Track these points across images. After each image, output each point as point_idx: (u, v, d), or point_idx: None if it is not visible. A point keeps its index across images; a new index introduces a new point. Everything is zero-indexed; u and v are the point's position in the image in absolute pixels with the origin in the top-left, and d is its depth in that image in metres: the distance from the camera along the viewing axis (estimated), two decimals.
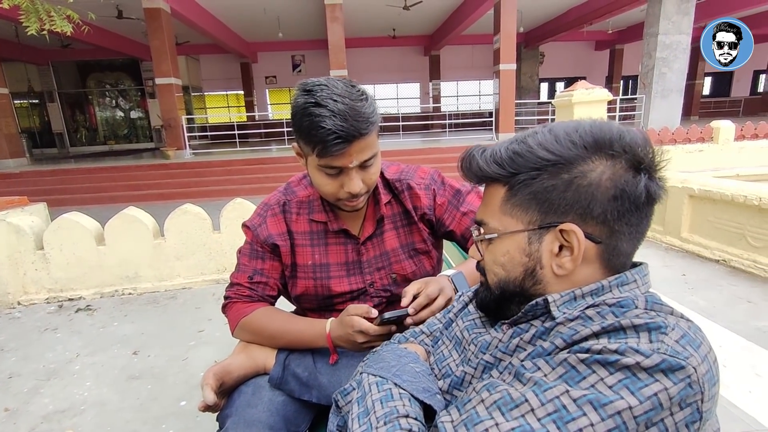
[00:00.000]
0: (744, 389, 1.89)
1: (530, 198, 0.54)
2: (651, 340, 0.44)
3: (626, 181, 0.51)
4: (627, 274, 0.54)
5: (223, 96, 18.11)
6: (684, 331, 0.45)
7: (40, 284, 3.26)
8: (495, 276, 0.59)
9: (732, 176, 4.80)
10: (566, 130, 0.53)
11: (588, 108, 5.06)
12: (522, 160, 0.54)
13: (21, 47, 11.93)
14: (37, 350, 2.56)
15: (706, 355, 0.44)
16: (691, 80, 14.10)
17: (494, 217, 0.58)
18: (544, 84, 18.85)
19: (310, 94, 0.80)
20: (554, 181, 0.52)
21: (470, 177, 0.59)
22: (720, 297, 2.86)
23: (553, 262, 0.54)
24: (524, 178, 0.54)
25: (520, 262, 0.56)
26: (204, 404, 0.88)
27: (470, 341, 0.64)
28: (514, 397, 0.46)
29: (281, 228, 0.99)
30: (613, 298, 0.52)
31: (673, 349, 0.43)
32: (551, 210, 0.53)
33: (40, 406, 2.02)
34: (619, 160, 0.51)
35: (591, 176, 0.51)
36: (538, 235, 0.54)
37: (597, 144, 0.52)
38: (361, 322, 0.83)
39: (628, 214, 0.52)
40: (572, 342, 0.48)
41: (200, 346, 2.52)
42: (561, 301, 0.54)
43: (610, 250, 0.53)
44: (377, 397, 0.58)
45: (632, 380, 0.42)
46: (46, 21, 4.22)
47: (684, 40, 9.21)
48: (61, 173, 8.82)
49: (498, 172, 0.55)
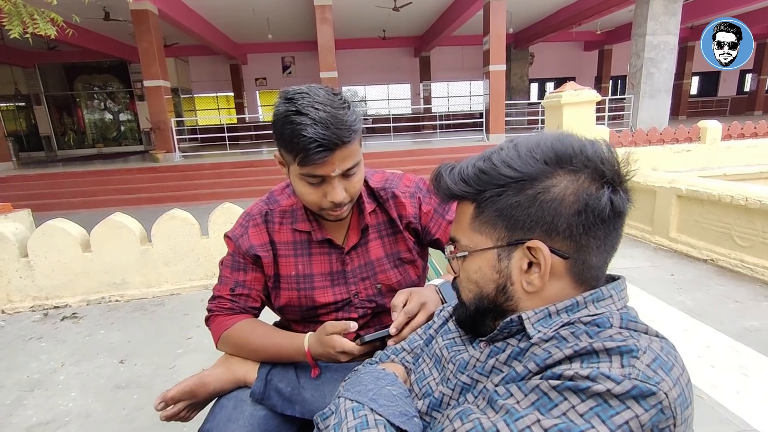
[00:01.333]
0: (732, 390, 1.91)
1: (497, 215, 0.54)
2: (623, 365, 0.43)
3: (589, 195, 0.50)
4: (603, 289, 0.54)
5: (212, 98, 17.98)
6: (656, 353, 0.45)
7: (24, 292, 3.21)
8: (469, 292, 0.60)
9: (719, 176, 4.86)
10: (528, 146, 0.53)
11: (577, 109, 5.09)
12: (487, 177, 0.54)
13: (6, 50, 11.76)
14: (21, 360, 2.51)
15: (678, 378, 0.44)
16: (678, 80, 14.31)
17: (465, 234, 0.58)
18: (534, 84, 18.95)
19: (292, 102, 0.79)
20: (518, 197, 0.52)
21: (440, 195, 0.59)
22: (708, 297, 2.88)
23: (523, 279, 0.54)
24: (490, 195, 0.54)
25: (491, 278, 0.56)
26: (164, 415, 0.89)
27: (449, 359, 0.63)
28: (486, 427, 0.46)
29: (263, 239, 0.98)
30: (588, 316, 0.51)
31: (645, 374, 0.42)
32: (517, 226, 0.53)
33: (23, 418, 1.98)
34: (580, 174, 0.51)
35: (554, 191, 0.51)
36: (507, 252, 0.54)
37: (558, 159, 0.52)
38: (344, 344, 0.82)
39: (594, 228, 0.51)
40: (545, 366, 0.48)
41: (188, 353, 2.49)
42: (535, 318, 0.53)
43: (579, 265, 0.53)
44: (353, 425, 0.57)
45: (603, 407, 0.41)
46: (29, 24, 4.16)
47: (671, 40, 9.31)
48: (49, 177, 8.70)
49: (465, 190, 0.55)
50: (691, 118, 16.23)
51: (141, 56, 9.38)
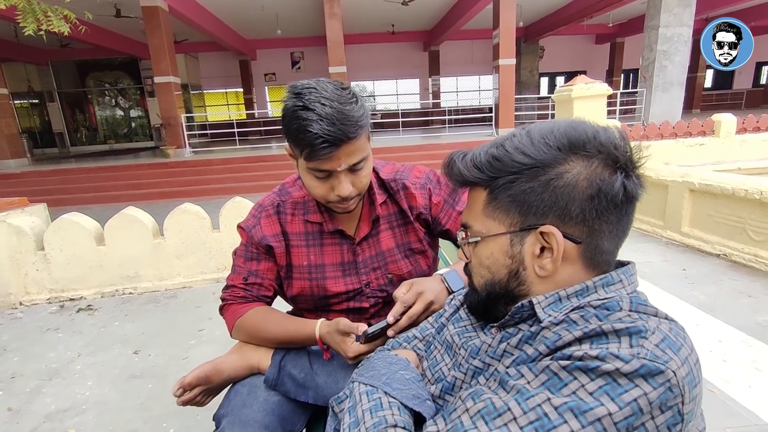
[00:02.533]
0: (744, 384, 1.89)
1: (510, 201, 0.54)
2: (631, 345, 0.44)
3: (602, 180, 0.51)
4: (612, 274, 0.54)
5: (222, 94, 18.09)
6: (664, 334, 0.46)
7: (41, 284, 3.27)
8: (481, 278, 0.60)
9: (733, 170, 4.78)
10: (541, 133, 0.54)
11: (588, 103, 5.04)
12: (500, 164, 0.54)
13: (20, 47, 11.92)
14: (39, 350, 2.57)
15: (686, 358, 0.45)
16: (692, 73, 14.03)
17: (477, 220, 0.59)
18: (544, 78, 18.75)
19: (299, 97, 0.80)
20: (532, 183, 0.53)
21: (453, 181, 0.60)
22: (720, 291, 2.85)
23: (535, 264, 0.55)
24: (503, 182, 0.54)
25: (503, 264, 0.57)
26: (181, 400, 0.91)
27: (460, 345, 0.64)
28: (497, 406, 0.47)
29: (275, 229, 0.99)
30: (598, 300, 0.52)
31: (653, 353, 0.43)
32: (530, 212, 0.53)
33: (42, 405, 2.04)
34: (594, 159, 0.52)
35: (567, 177, 0.52)
36: (520, 237, 0.55)
37: (571, 145, 0.52)
38: (357, 348, 0.83)
39: (607, 213, 0.52)
40: (555, 348, 0.49)
41: (200, 345, 2.53)
42: (546, 303, 0.54)
43: (592, 249, 0.54)
44: (367, 407, 0.58)
45: (612, 386, 0.42)
46: (43, 21, 4.22)
47: (685, 32, 9.15)
48: (62, 173, 8.83)
49: (478, 177, 0.56)
50: (705, 111, 15.93)
51: (151, 53, 9.46)
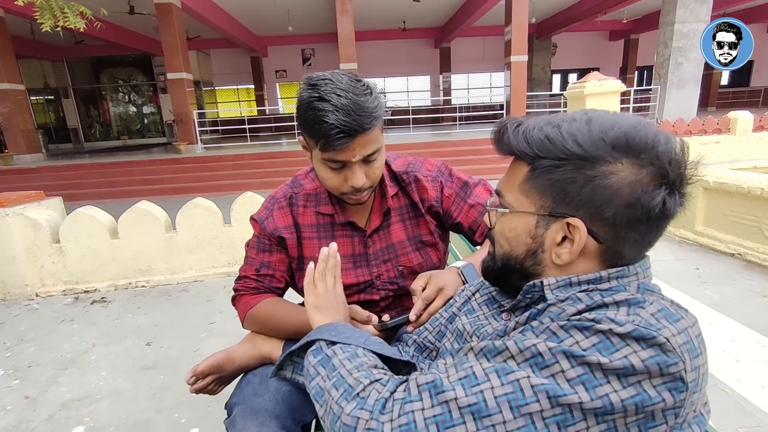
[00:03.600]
0: (757, 384, 1.87)
1: (549, 184, 0.54)
2: (628, 313, 0.46)
3: (644, 192, 0.50)
4: (630, 267, 0.54)
5: (233, 90, 18.20)
6: (663, 305, 0.47)
7: (56, 277, 3.34)
8: (500, 248, 0.61)
9: (749, 168, 4.69)
10: (602, 126, 0.52)
11: (601, 100, 4.99)
12: (550, 145, 0.53)
13: (36, 44, 12.11)
14: (55, 341, 2.62)
15: (685, 329, 0.46)
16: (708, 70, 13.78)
17: (512, 192, 0.58)
18: (557, 76, 18.54)
19: (315, 88, 0.81)
20: (575, 174, 0.52)
21: (499, 148, 0.59)
22: (734, 291, 2.81)
23: (554, 251, 0.55)
24: (547, 164, 0.53)
25: (524, 241, 0.57)
26: (194, 388, 0.92)
27: (472, 333, 0.65)
28: (497, 345, 0.50)
29: (288, 221, 1.00)
30: (608, 286, 0.53)
31: (647, 321, 0.45)
32: (565, 201, 0.53)
33: (58, 394, 2.08)
34: (644, 169, 0.50)
35: (612, 179, 0.50)
36: (546, 221, 0.55)
37: (628, 147, 0.51)
38: (368, 329, 0.84)
39: (638, 224, 0.51)
40: (558, 319, 0.50)
41: (211, 337, 2.56)
42: (556, 285, 0.55)
43: (612, 252, 0.54)
44: (343, 357, 0.59)
45: (605, 344, 0.44)
46: (60, 18, 4.28)
47: (702, 28, 8.96)
48: (77, 168, 8.98)
49: (524, 151, 0.55)
50: (720, 109, 15.65)
51: (164, 49, 9.55)
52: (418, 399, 0.48)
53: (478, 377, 0.47)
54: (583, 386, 0.43)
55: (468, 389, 0.47)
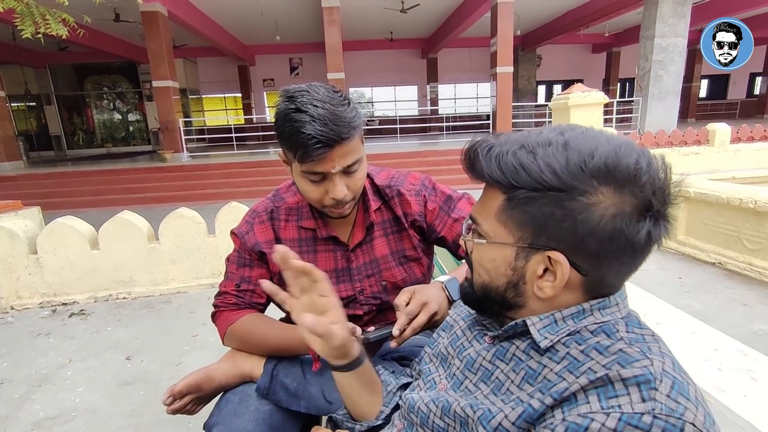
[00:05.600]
0: (740, 393, 1.88)
1: (527, 217, 0.50)
2: (643, 399, 0.42)
3: (627, 224, 0.47)
4: (610, 298, 0.53)
5: (220, 99, 18.11)
6: (672, 378, 0.43)
7: (33, 289, 3.24)
8: (479, 277, 0.58)
9: (728, 179, 4.80)
10: (581, 154, 0.48)
11: (585, 111, 5.07)
12: (526, 175, 0.49)
13: (18, 50, 11.91)
14: (29, 356, 2.54)
15: (696, 398, 0.43)
16: (687, 83, 14.17)
17: (488, 220, 0.54)
18: (542, 87, 18.89)
19: (292, 100, 0.80)
20: (553, 207, 0.48)
21: (472, 174, 0.55)
22: (716, 300, 2.86)
23: (535, 284, 0.52)
24: (523, 195, 0.49)
25: (504, 273, 0.54)
26: (171, 408, 0.89)
27: (455, 356, 0.63)
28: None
29: (269, 235, 0.98)
30: (594, 323, 0.51)
31: (667, 407, 0.41)
32: (544, 234, 0.50)
33: (30, 412, 2.00)
34: (627, 199, 0.47)
35: (593, 211, 0.47)
36: (527, 253, 0.52)
37: (608, 177, 0.47)
38: None
39: (621, 255, 0.49)
40: (561, 399, 0.46)
41: (194, 351, 2.50)
42: (541, 325, 0.52)
43: (595, 282, 0.51)
44: None
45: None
46: (41, 24, 4.21)
47: (680, 42, 9.25)
48: (58, 176, 8.80)
49: (498, 180, 0.51)
50: (699, 121, 16.07)
51: (150, 57, 9.47)
52: None
53: None
54: None
55: None
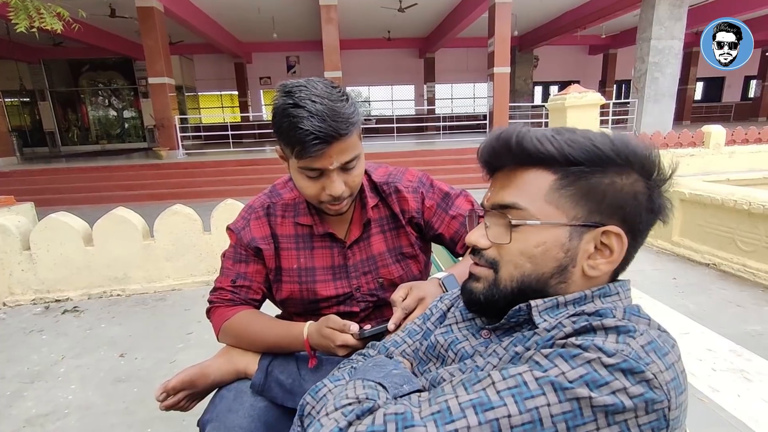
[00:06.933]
0: (733, 393, 1.90)
1: (584, 193, 0.51)
2: (617, 341, 0.43)
3: (657, 196, 0.53)
4: (610, 285, 0.54)
5: (217, 96, 18.02)
6: (652, 337, 0.45)
7: (26, 285, 3.21)
8: (517, 269, 0.54)
9: (722, 181, 4.84)
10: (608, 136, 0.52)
11: (581, 112, 5.08)
12: (580, 150, 0.51)
13: (12, 45, 11.79)
14: (22, 352, 2.51)
15: (672, 364, 0.44)
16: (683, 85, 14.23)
17: (534, 203, 0.53)
18: (538, 87, 18.93)
19: (289, 95, 0.79)
20: (614, 179, 0.51)
21: (508, 156, 0.54)
22: (710, 301, 2.87)
23: (586, 263, 0.53)
24: (579, 171, 0.51)
25: (554, 257, 0.52)
26: (164, 404, 0.89)
27: (447, 347, 0.62)
28: (479, 375, 0.46)
29: (265, 231, 0.98)
30: (593, 308, 0.51)
31: (636, 353, 0.42)
32: (599, 209, 0.51)
33: (22, 409, 1.99)
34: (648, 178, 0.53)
35: (636, 186, 0.52)
36: (580, 233, 0.52)
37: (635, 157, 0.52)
38: (345, 338, 0.81)
39: (648, 228, 0.53)
40: (543, 346, 0.48)
41: (189, 348, 2.49)
42: (543, 307, 0.53)
43: (625, 260, 0.54)
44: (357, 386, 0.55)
45: (593, 376, 0.41)
46: (36, 18, 4.17)
47: (676, 45, 9.30)
48: (52, 172, 8.73)
49: (552, 157, 0.51)
50: (695, 123, 16.16)
51: (146, 53, 9.40)
52: (382, 430, 0.44)
53: (453, 413, 0.43)
54: (565, 425, 0.41)
55: (441, 426, 0.43)
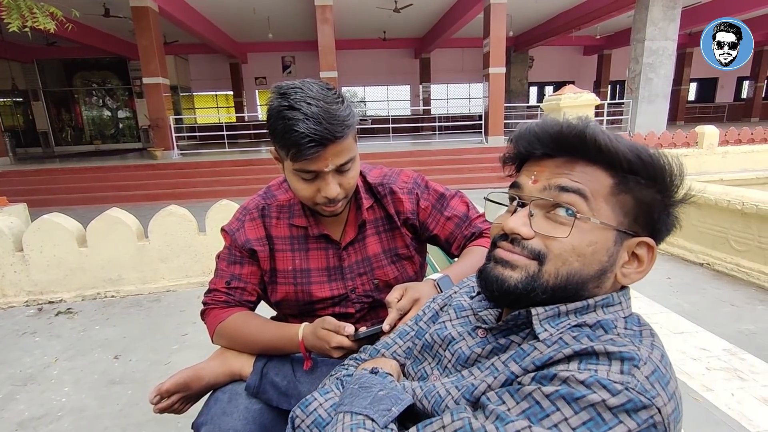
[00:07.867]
0: (727, 392, 1.91)
1: (635, 202, 0.52)
2: (622, 371, 0.42)
3: (673, 213, 0.55)
4: (614, 295, 0.53)
5: (212, 96, 17.95)
6: (655, 365, 0.44)
7: (19, 287, 3.19)
8: (565, 266, 0.51)
9: (716, 181, 4.87)
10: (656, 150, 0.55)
11: (576, 112, 5.10)
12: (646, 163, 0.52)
13: (5, 44, 11.68)
14: (14, 355, 2.49)
15: (673, 392, 0.44)
16: (676, 86, 14.34)
17: (595, 200, 0.52)
18: (534, 88, 18.99)
19: (285, 97, 0.79)
20: (654, 196, 0.53)
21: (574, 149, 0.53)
22: (704, 300, 2.89)
23: (620, 270, 0.53)
24: (641, 181, 0.52)
25: (600, 259, 0.51)
26: (158, 407, 0.88)
27: (444, 346, 0.62)
28: (474, 428, 0.45)
29: (259, 233, 0.97)
30: (595, 318, 0.51)
31: (642, 386, 0.42)
32: (641, 221, 0.53)
33: (15, 412, 1.97)
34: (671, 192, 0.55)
35: (668, 202, 0.54)
36: (622, 239, 0.52)
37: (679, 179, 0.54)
38: (340, 339, 0.81)
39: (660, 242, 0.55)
40: (542, 365, 0.47)
41: (183, 350, 2.48)
42: (545, 315, 0.52)
43: None
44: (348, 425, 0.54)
45: (596, 422, 0.41)
46: (29, 18, 4.14)
47: (670, 46, 9.36)
48: (46, 173, 8.65)
49: (621, 162, 0.51)
50: (688, 123, 16.27)
51: (140, 53, 9.34)
52: None
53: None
54: None
55: None
